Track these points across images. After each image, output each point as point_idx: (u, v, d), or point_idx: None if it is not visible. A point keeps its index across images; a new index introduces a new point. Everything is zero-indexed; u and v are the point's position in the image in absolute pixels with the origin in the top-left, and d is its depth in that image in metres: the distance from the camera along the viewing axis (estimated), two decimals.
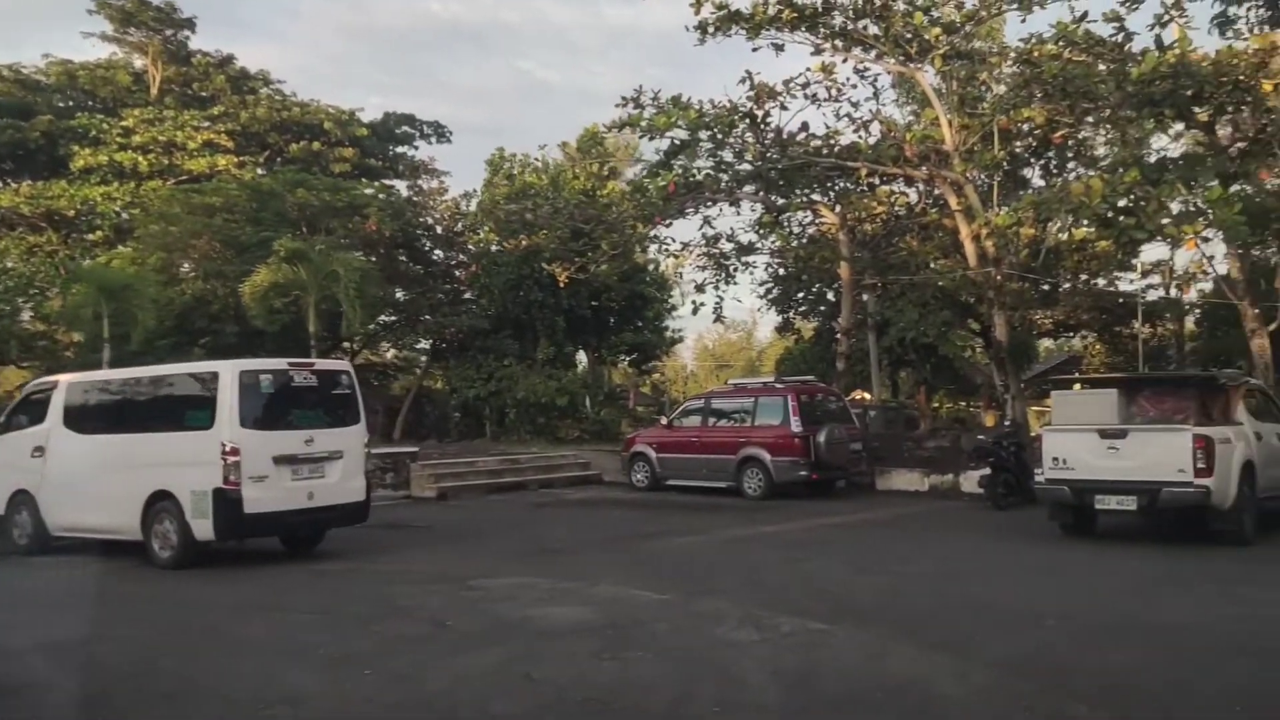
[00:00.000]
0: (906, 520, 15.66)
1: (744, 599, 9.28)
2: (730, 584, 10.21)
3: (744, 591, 9.73)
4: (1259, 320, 17.92)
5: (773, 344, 66.49)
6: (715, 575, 10.85)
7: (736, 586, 10.03)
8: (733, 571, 11.07)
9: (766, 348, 74.07)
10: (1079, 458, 12.51)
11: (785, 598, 9.41)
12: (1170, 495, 11.85)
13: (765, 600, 9.23)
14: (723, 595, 9.51)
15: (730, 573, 10.99)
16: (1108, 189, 13.98)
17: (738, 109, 19.65)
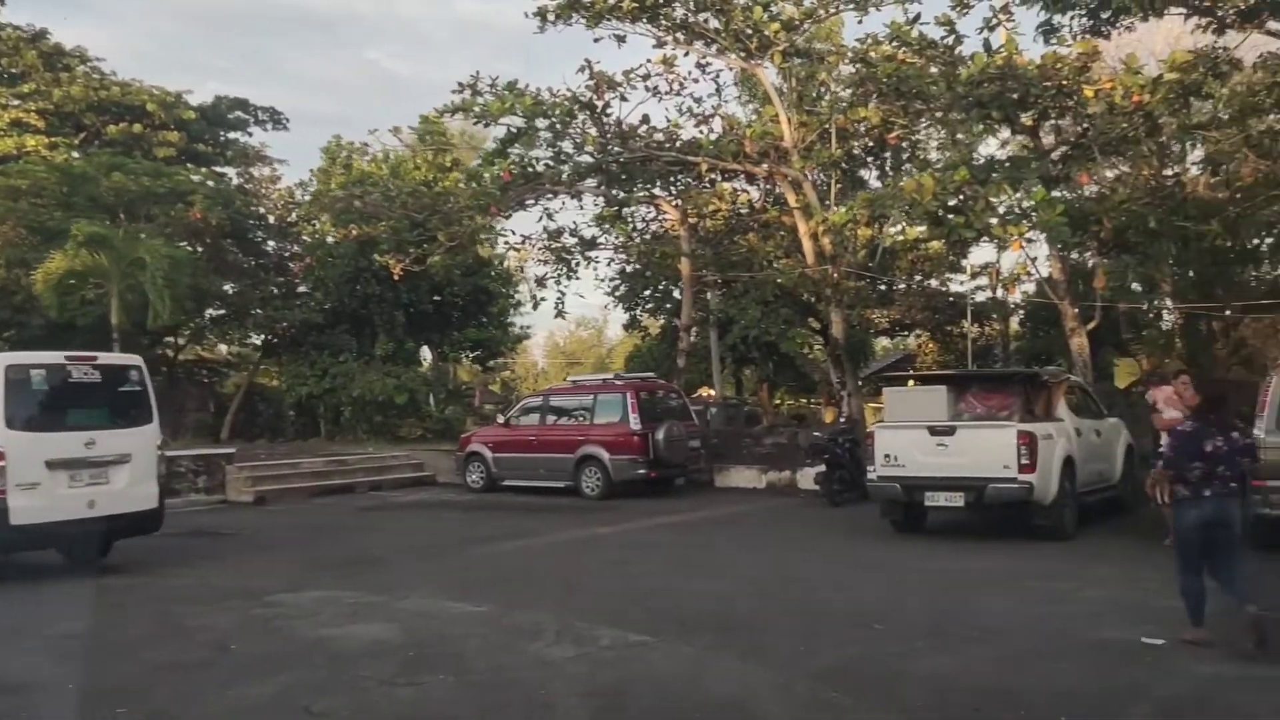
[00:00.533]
0: (742, 518, 15.37)
1: (566, 609, 8.66)
2: (554, 592, 9.58)
3: (567, 600, 9.12)
4: (1078, 320, 18.41)
5: (623, 341, 66.29)
6: (539, 583, 10.20)
7: (560, 595, 9.41)
8: (558, 578, 10.44)
9: (617, 345, 73.92)
10: (909, 455, 12.41)
11: (609, 606, 8.83)
12: (995, 491, 11.84)
13: (588, 610, 8.63)
14: (543, 605, 8.86)
15: (555, 580, 10.36)
16: (939, 187, 14.01)
17: (577, 99, 19.04)
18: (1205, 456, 7.12)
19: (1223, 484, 7.16)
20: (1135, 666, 6.76)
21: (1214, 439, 7.15)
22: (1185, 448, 7.22)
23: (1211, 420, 7.28)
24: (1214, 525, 7.15)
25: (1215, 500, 7.14)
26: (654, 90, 19.82)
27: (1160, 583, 9.47)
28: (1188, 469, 7.15)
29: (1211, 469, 7.11)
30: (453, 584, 10.04)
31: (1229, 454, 7.18)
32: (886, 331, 39.25)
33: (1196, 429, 7.27)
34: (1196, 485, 7.13)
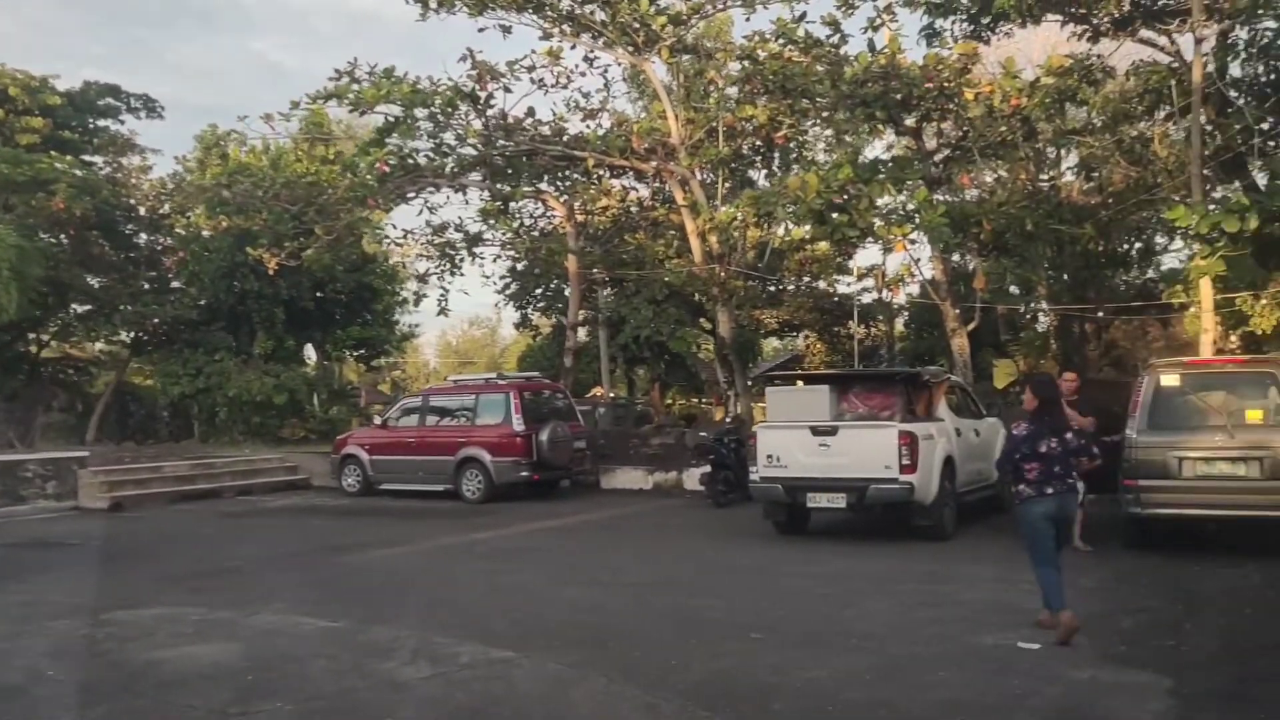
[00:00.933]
0: (625, 521, 14.97)
1: (428, 623, 8.09)
2: (417, 604, 8.97)
3: (430, 613, 8.53)
4: (959, 321, 18.54)
5: (516, 340, 65.42)
6: (404, 594, 9.58)
7: (423, 607, 8.82)
8: (424, 589, 9.83)
9: (511, 344, 72.89)
10: (792, 455, 12.16)
11: (475, 619, 8.28)
12: (877, 492, 11.67)
13: (451, 623, 8.07)
14: (404, 619, 8.27)
15: (421, 590, 9.75)
16: (823, 185, 13.84)
17: (459, 89, 18.35)
18: (1041, 456, 7.39)
19: (1061, 481, 7.44)
20: (1013, 674, 6.53)
21: (1048, 440, 7.41)
22: (1016, 448, 7.49)
23: (1046, 422, 7.50)
24: (1056, 520, 7.48)
25: (1057, 497, 7.43)
26: (540, 83, 19.29)
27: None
28: (1025, 469, 7.43)
29: (1048, 468, 7.39)
30: (309, 597, 9.35)
31: (1063, 454, 7.46)
32: (776, 332, 39.43)
33: (1032, 430, 7.49)
34: (1038, 484, 7.40)
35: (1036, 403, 7.61)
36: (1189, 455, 10.44)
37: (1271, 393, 10.43)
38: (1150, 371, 10.99)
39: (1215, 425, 10.46)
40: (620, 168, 19.75)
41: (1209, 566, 9.93)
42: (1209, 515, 10.62)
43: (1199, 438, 10.47)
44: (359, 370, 42.89)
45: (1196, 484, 10.40)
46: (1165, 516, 10.66)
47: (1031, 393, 7.73)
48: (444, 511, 16.07)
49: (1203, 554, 10.54)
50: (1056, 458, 7.41)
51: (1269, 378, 10.49)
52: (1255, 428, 10.34)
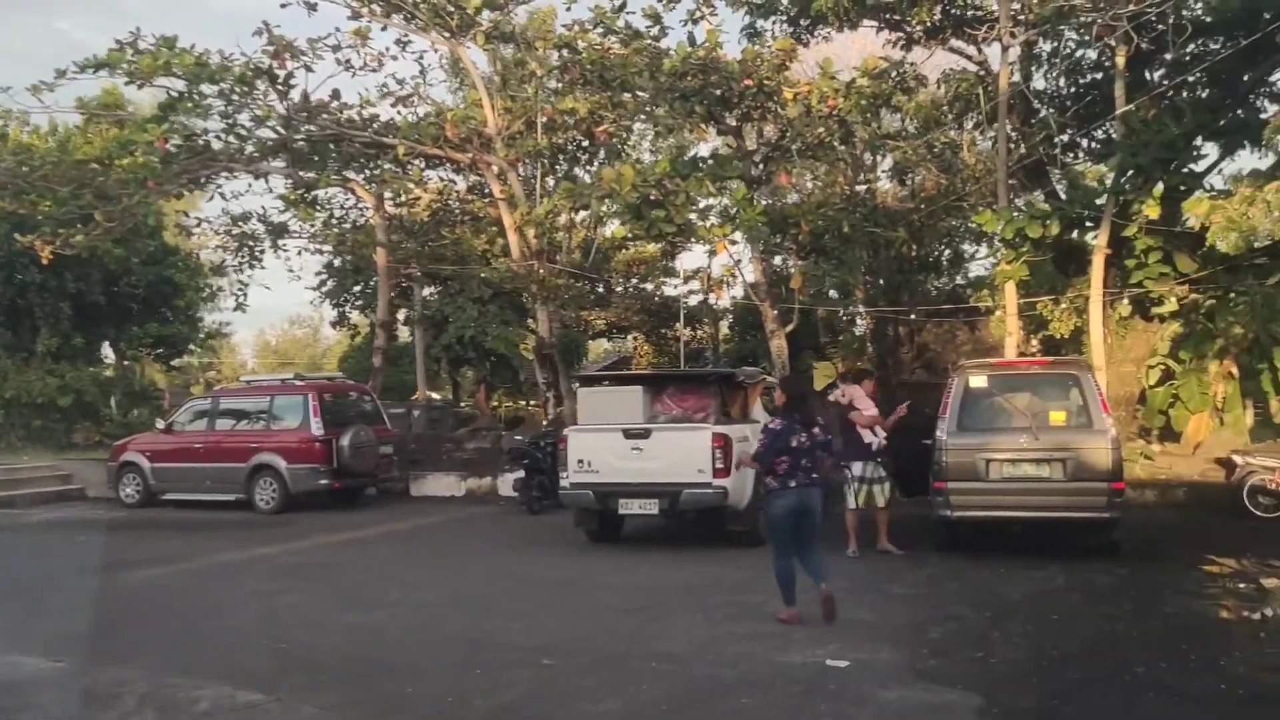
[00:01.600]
0: (430, 531, 13.97)
1: (171, 660, 6.96)
2: (164, 637, 7.79)
3: (179, 647, 7.39)
4: (778, 322, 18.37)
5: (340, 340, 62.65)
6: (152, 624, 8.34)
7: (171, 640, 7.65)
8: (184, 616, 8.62)
9: (334, 345, 69.80)
10: (603, 459, 11.47)
11: (230, 653, 7.19)
12: (690, 497, 11.11)
13: (201, 660, 6.97)
14: (143, 656, 7.10)
15: (180, 618, 8.54)
16: (639, 179, 13.25)
17: (254, 65, 16.85)
18: (791, 450, 7.66)
19: (806, 475, 7.70)
20: (820, 696, 5.99)
21: (799, 435, 7.69)
22: (773, 443, 7.71)
23: (797, 418, 7.78)
24: (800, 513, 7.72)
25: (800, 490, 7.69)
26: (346, 64, 17.97)
27: (845, 593, 8.98)
28: (775, 462, 7.69)
29: (796, 462, 7.65)
30: (39, 630, 8.02)
31: (811, 448, 7.73)
32: (604, 333, 38.95)
33: (785, 426, 7.75)
34: (784, 477, 7.67)
35: (786, 399, 7.95)
36: (996, 457, 10.32)
37: (1073, 394, 10.42)
38: (959, 373, 10.84)
39: (1021, 427, 10.37)
40: (435, 158, 18.65)
41: (1015, 569, 9.79)
42: (1015, 517, 10.54)
43: (1005, 439, 10.36)
44: (165, 372, 39.92)
45: (1003, 486, 10.28)
46: (974, 519, 10.52)
47: (781, 389, 8.11)
48: (231, 524, 14.64)
49: (1009, 556, 10.44)
50: (805, 452, 7.68)
51: (1071, 379, 10.48)
52: (1059, 429, 10.29)
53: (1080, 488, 10.06)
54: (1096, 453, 10.04)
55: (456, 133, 17.41)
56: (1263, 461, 12.82)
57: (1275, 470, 12.66)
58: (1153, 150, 14.50)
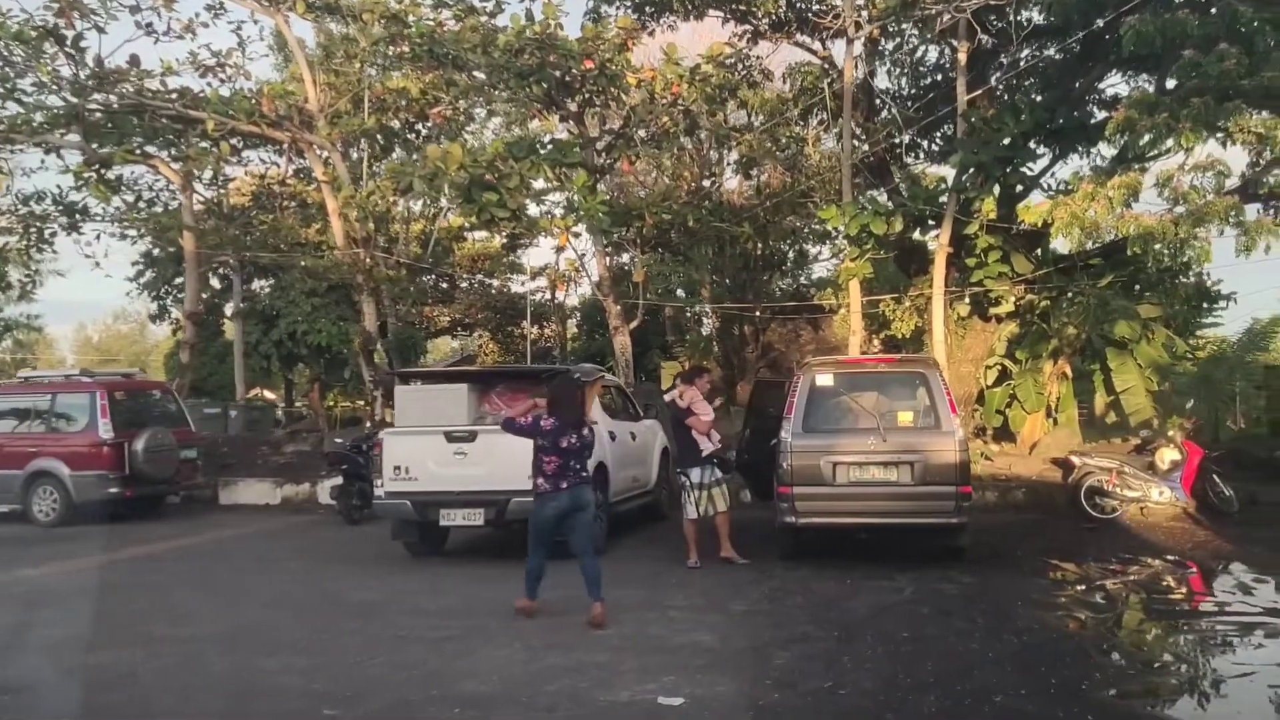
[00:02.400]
0: (233, 545, 12.42)
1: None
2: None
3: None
4: (621, 318, 17.47)
5: (171, 336, 58.38)
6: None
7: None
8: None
9: (164, 340, 65.28)
10: (423, 466, 10.25)
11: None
12: (520, 506, 9.91)
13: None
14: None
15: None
16: (469, 159, 12.07)
17: (34, 24, 14.79)
18: (561, 451, 7.56)
19: (576, 475, 7.66)
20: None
21: (568, 435, 7.59)
22: (544, 444, 7.59)
23: (566, 418, 7.65)
24: (571, 512, 7.64)
25: (571, 491, 7.61)
26: (148, 28, 16.05)
27: (685, 611, 8.10)
28: (544, 462, 7.58)
29: (566, 463, 7.58)
30: None
31: (580, 449, 7.69)
32: (448, 330, 37.39)
33: (555, 426, 7.60)
34: (554, 478, 7.56)
35: (553, 399, 7.81)
36: (843, 460, 9.62)
37: (921, 393, 9.82)
38: (805, 370, 10.10)
39: (868, 428, 9.71)
40: (253, 136, 16.92)
41: (862, 579, 9.10)
42: (863, 523, 9.86)
43: (852, 441, 9.69)
44: None
45: (850, 490, 9.60)
46: (820, 525, 9.79)
47: (550, 391, 7.97)
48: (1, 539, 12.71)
49: (855, 564, 9.75)
50: (574, 452, 7.62)
51: (919, 378, 9.88)
52: (906, 430, 9.68)
53: (928, 492, 9.47)
54: (944, 455, 9.46)
55: (274, 108, 15.77)
56: (1099, 463, 12.63)
57: (1112, 471, 12.48)
58: (992, 149, 14.25)
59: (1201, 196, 10.13)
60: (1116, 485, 12.45)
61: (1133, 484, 12.40)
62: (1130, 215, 10.51)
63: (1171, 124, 10.02)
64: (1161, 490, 12.33)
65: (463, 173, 11.89)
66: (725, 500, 10.08)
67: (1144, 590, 8.83)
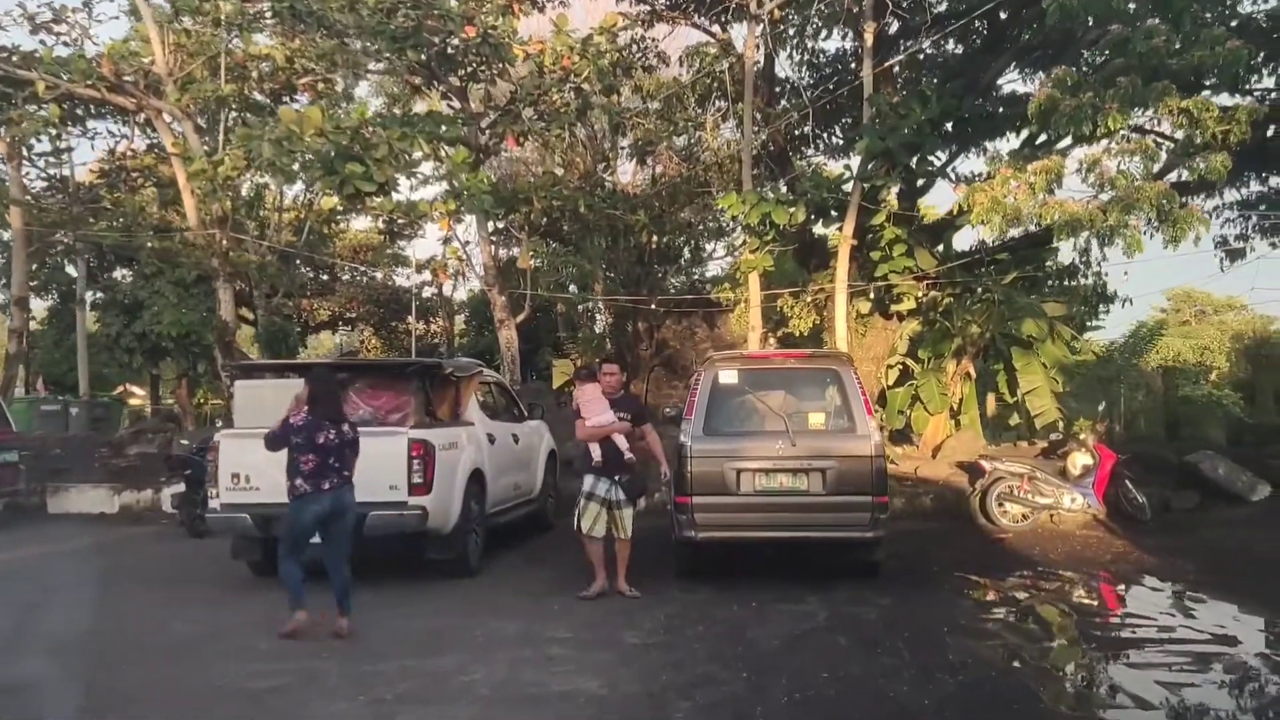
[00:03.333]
0: (50, 564, 10.59)
1: None
2: None
3: None
4: (507, 311, 16.08)
5: None
6: None
7: None
8: None
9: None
10: (265, 473, 8.64)
11: None
12: (380, 520, 8.53)
13: None
14: None
15: None
16: (331, 126, 10.52)
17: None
18: (318, 448, 6.85)
19: (338, 475, 6.96)
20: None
21: (325, 431, 6.91)
22: (299, 442, 6.84)
23: (322, 413, 6.97)
24: (333, 516, 6.97)
25: (334, 493, 6.92)
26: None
27: (568, 646, 6.81)
28: (300, 461, 6.84)
29: (325, 461, 6.88)
30: None
31: (340, 446, 6.98)
32: (328, 324, 35.21)
33: (308, 421, 6.90)
34: (313, 478, 6.85)
35: (311, 392, 7.07)
36: (748, 466, 8.46)
37: (833, 393, 8.74)
38: (707, 366, 8.92)
39: (775, 431, 8.57)
40: (94, 102, 14.91)
41: (770, 603, 7.97)
42: (770, 537, 8.72)
43: (759, 445, 8.54)
44: None
45: (756, 501, 8.45)
46: (723, 540, 8.62)
47: (308, 383, 7.21)
48: None
49: (761, 585, 8.64)
50: (333, 450, 6.91)
51: (831, 375, 8.79)
52: (818, 433, 8.58)
53: (841, 502, 8.38)
54: (859, 461, 8.40)
55: (115, 70, 13.85)
56: (1010, 467, 11.84)
57: (1023, 477, 11.69)
58: (899, 136, 13.35)
59: (1129, 181, 9.35)
60: (1028, 491, 11.67)
61: (1045, 490, 11.65)
62: (1054, 201, 9.66)
63: (1097, 104, 9.20)
64: (1074, 497, 11.60)
65: (321, 139, 10.33)
66: (627, 528, 8.40)
67: (1075, 612, 7.93)
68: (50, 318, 28.16)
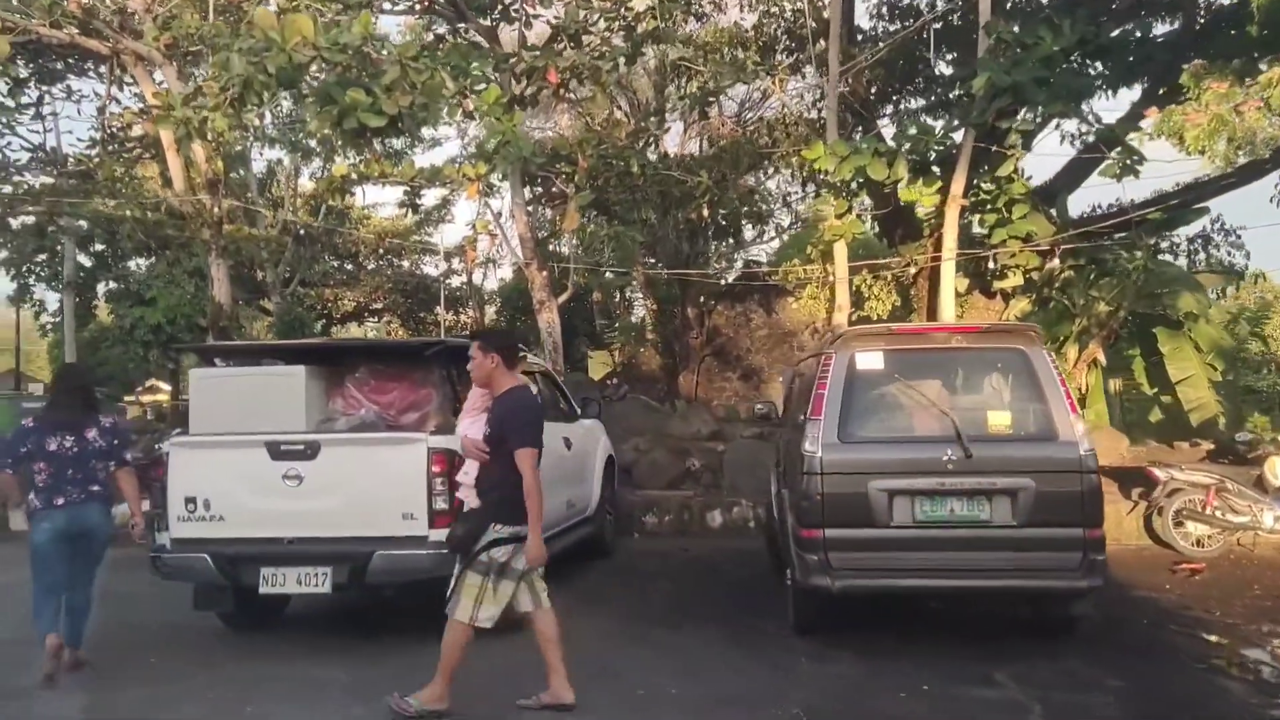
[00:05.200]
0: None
1: None
2: None
3: None
4: (547, 290, 13.52)
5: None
6: None
7: None
8: None
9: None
10: (233, 497, 6.19)
11: None
12: (389, 561, 6.04)
13: None
14: None
15: None
16: (329, 42, 7.98)
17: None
18: (50, 456, 5.71)
19: (80, 489, 5.73)
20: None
21: (59, 436, 5.73)
22: (28, 449, 5.73)
23: (55, 416, 5.83)
24: (74, 538, 5.72)
25: (69, 509, 5.70)
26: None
27: None
28: (34, 473, 5.72)
29: (60, 471, 5.70)
30: None
31: (79, 455, 5.74)
32: (353, 316, 33.01)
33: (37, 425, 5.81)
34: (47, 492, 5.70)
35: (52, 384, 6.48)
36: (904, 487, 5.85)
37: (1022, 382, 6.08)
38: (840, 346, 6.27)
39: (941, 436, 5.94)
40: (63, 49, 12.47)
41: (946, 684, 5.39)
42: (938, 587, 6.09)
43: (918, 456, 5.92)
44: None
45: (917, 535, 5.84)
46: (870, 590, 5.99)
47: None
48: None
49: (915, 648, 6.04)
50: (72, 460, 5.71)
51: (1016, 357, 6.13)
52: (1002, 440, 5.96)
53: (1040, 537, 5.77)
54: (1064, 479, 5.79)
55: (82, 7, 11.40)
56: (1191, 477, 9.12)
57: (1209, 489, 8.99)
58: (1028, 68, 10.63)
59: None
60: (1216, 507, 8.96)
61: (1238, 505, 8.94)
62: None
63: None
64: (1277, 514, 8.88)
65: (310, 53, 7.76)
66: (537, 596, 5.08)
67: None
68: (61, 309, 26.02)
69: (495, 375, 5.00)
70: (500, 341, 5.15)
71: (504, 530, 4.84)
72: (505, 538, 4.84)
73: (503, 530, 4.84)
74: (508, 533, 4.84)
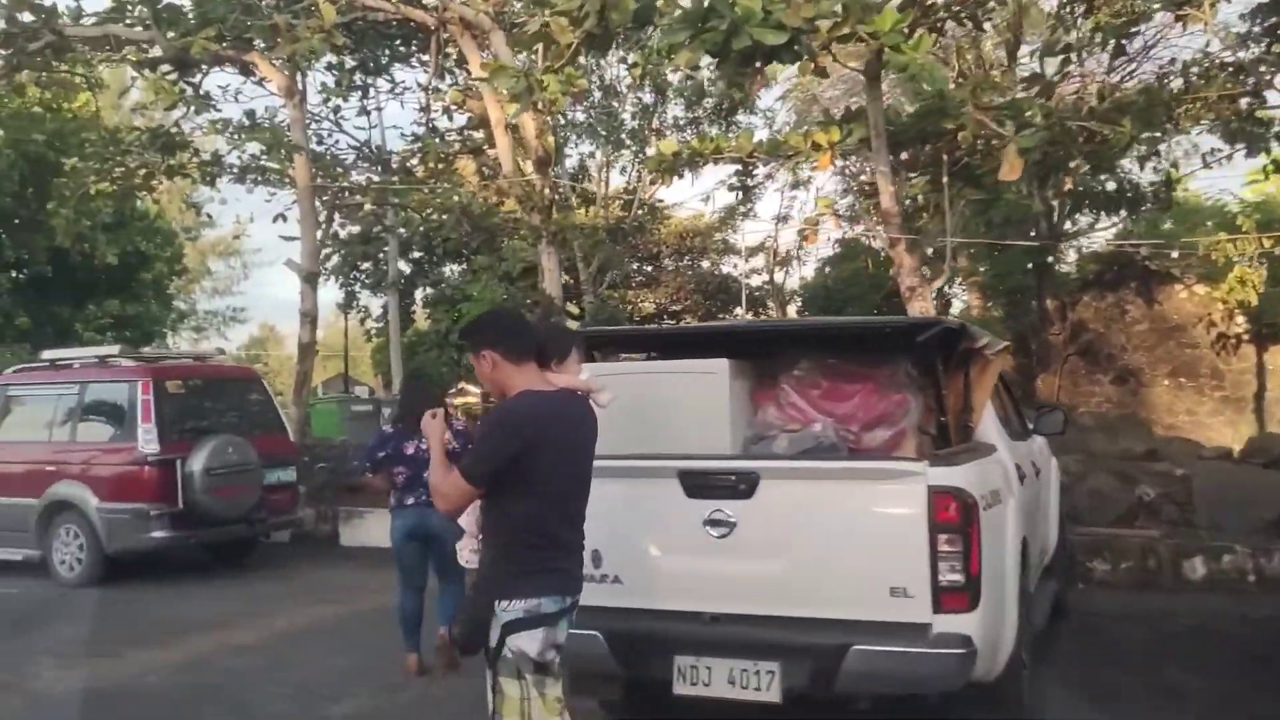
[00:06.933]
0: (333, 641, 6.79)
1: None
2: None
3: None
4: (917, 273, 10.90)
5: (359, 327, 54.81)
6: None
7: None
8: None
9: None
10: (634, 551, 4.15)
11: None
12: (869, 663, 3.75)
13: None
14: None
15: None
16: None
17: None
18: (407, 459, 5.73)
19: (428, 491, 4.29)
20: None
21: (417, 440, 5.53)
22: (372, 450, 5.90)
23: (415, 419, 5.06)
24: (426, 537, 5.74)
25: (418, 509, 5.63)
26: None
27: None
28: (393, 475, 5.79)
29: (416, 473, 5.60)
30: None
31: None
32: (652, 318, 32.11)
33: (396, 430, 5.87)
34: (401, 491, 5.78)
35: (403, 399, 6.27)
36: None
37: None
38: None
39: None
40: (386, 23, 11.37)
41: None
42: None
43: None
44: None
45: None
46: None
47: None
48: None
49: None
50: (425, 463, 4.53)
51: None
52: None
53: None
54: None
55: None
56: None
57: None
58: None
59: None
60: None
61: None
62: None
63: None
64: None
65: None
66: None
67: None
68: (384, 314, 26.52)
69: (503, 379, 3.18)
70: (490, 332, 3.23)
71: (512, 606, 3.02)
72: (521, 618, 3.03)
73: (510, 607, 3.01)
74: (521, 610, 3.03)
